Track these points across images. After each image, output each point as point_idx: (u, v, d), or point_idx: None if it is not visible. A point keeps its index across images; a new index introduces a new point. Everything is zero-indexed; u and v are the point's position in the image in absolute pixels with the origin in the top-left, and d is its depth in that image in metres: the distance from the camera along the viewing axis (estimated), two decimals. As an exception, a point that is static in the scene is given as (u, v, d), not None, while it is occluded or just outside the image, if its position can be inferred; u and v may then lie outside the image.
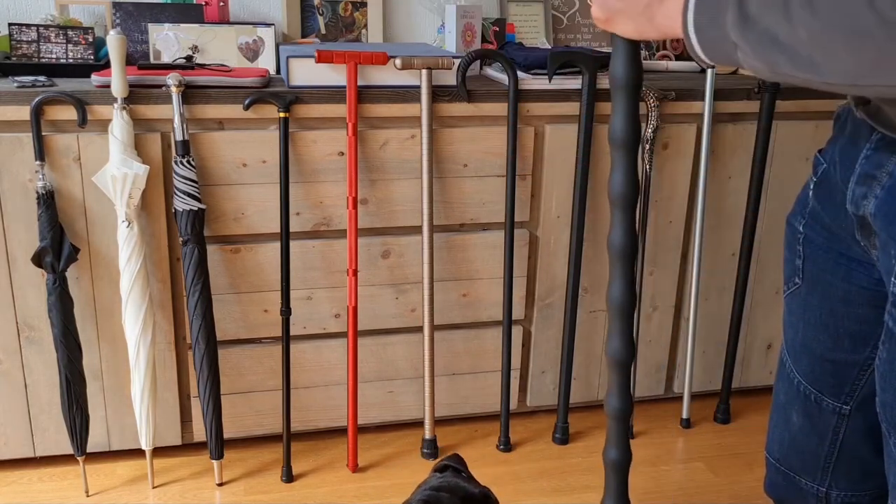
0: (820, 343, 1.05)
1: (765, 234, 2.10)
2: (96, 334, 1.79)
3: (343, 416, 1.98)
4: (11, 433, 1.82)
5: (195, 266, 1.71)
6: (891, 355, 0.84)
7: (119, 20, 1.96)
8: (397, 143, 1.82)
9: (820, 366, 1.06)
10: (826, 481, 1.10)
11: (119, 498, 1.80)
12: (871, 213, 0.87)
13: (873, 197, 0.86)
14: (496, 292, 1.98)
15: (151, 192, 1.71)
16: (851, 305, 0.99)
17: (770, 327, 2.21)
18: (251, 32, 1.93)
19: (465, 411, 2.08)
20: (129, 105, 1.64)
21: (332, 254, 1.86)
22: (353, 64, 1.73)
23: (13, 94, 1.62)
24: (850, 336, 1.01)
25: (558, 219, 1.96)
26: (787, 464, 1.15)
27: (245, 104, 1.70)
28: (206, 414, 1.79)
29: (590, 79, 1.84)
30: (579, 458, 2.01)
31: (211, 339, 1.76)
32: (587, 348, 2.09)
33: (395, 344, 1.97)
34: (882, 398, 0.87)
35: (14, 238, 1.69)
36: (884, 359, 0.86)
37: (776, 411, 1.16)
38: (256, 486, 1.86)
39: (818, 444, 1.09)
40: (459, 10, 2.08)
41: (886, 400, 0.86)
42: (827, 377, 1.06)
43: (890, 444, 0.88)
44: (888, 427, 0.87)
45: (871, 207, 0.87)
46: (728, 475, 1.96)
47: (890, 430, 0.87)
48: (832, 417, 1.07)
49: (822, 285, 1.03)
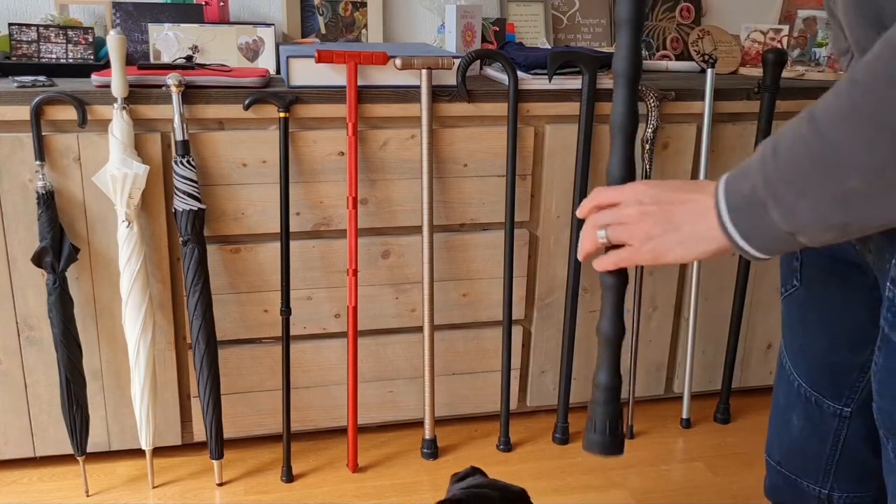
0: (818, 346, 1.05)
1: (765, 234, 2.10)
2: (96, 334, 1.79)
3: (343, 416, 1.98)
4: (11, 433, 1.82)
5: (195, 266, 1.71)
6: (887, 361, 0.84)
7: (119, 20, 1.96)
8: (397, 143, 1.82)
9: (819, 368, 1.06)
10: (828, 483, 1.10)
11: (119, 498, 1.80)
12: None
13: None
14: (496, 292, 1.98)
15: (151, 192, 1.71)
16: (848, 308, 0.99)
17: (770, 327, 2.21)
18: (251, 32, 1.93)
19: (465, 411, 2.08)
20: (129, 105, 1.64)
21: (332, 254, 1.86)
22: (353, 64, 1.73)
23: (13, 94, 1.62)
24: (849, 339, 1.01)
25: (558, 219, 1.96)
26: (787, 466, 1.14)
27: (245, 104, 1.70)
28: (206, 414, 1.79)
29: (590, 79, 1.84)
30: (579, 458, 2.01)
31: (211, 339, 1.76)
32: (587, 348, 2.09)
33: (394, 344, 1.97)
34: (879, 404, 0.87)
35: (14, 238, 1.69)
36: (880, 365, 0.85)
37: (776, 413, 1.15)
38: (256, 486, 1.86)
39: (819, 446, 1.09)
40: (459, 10, 2.08)
41: (884, 406, 0.86)
42: (827, 379, 1.05)
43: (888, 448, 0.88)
44: (886, 433, 0.87)
45: None
46: (728, 475, 1.96)
47: (888, 435, 0.87)
48: (833, 420, 1.06)
49: (819, 288, 1.03)
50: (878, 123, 0.63)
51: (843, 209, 0.68)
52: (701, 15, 2.46)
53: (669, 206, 0.81)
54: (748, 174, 0.75)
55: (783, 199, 0.71)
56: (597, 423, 0.90)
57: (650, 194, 0.82)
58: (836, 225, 0.70)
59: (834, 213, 0.69)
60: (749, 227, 0.76)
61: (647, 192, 0.83)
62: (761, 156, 0.74)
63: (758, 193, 0.73)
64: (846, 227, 0.70)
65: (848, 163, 0.66)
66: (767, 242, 0.76)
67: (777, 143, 0.72)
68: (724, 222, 0.77)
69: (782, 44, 2.36)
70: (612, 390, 0.90)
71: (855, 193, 0.67)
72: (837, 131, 0.66)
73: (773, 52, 1.95)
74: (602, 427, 0.90)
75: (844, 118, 0.65)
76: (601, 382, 0.90)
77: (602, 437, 0.90)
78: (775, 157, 0.72)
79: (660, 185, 0.83)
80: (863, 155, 0.64)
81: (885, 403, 0.86)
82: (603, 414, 0.90)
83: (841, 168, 0.66)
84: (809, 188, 0.69)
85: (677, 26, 2.43)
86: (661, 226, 0.81)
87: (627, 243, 0.84)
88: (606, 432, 0.89)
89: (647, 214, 0.82)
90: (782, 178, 0.71)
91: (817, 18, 2.40)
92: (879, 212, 0.67)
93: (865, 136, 0.64)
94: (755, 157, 0.75)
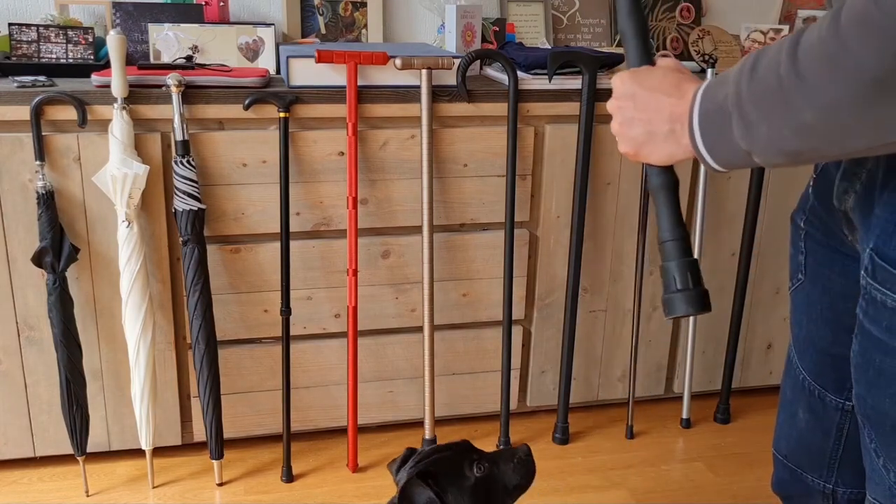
0: (822, 338, 1.06)
1: (765, 234, 2.10)
2: (96, 334, 1.79)
3: (343, 416, 1.98)
4: (11, 433, 1.82)
5: (195, 266, 1.71)
6: (862, 348, 0.86)
7: (119, 20, 1.96)
8: (397, 143, 1.82)
9: (823, 361, 1.07)
10: (832, 478, 1.11)
11: (119, 498, 1.81)
12: (850, 209, 0.89)
13: (853, 192, 0.88)
14: (496, 292, 1.98)
15: (151, 192, 1.71)
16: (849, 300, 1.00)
17: (770, 327, 2.21)
18: (251, 32, 1.93)
19: (464, 411, 2.08)
20: (129, 105, 1.64)
21: (332, 254, 1.86)
22: (353, 64, 1.73)
23: (13, 94, 1.62)
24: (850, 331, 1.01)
25: (558, 219, 1.96)
26: (793, 460, 1.15)
27: (245, 104, 1.70)
28: (206, 414, 1.79)
29: (590, 79, 1.84)
30: (579, 458, 2.01)
31: (211, 339, 1.76)
32: (587, 348, 2.09)
33: (394, 344, 1.97)
34: (856, 390, 0.88)
35: (14, 238, 1.69)
36: (856, 351, 0.87)
37: (783, 408, 1.17)
38: (256, 486, 1.86)
39: (823, 440, 1.10)
40: (459, 10, 2.08)
41: (860, 392, 0.88)
42: (829, 372, 1.06)
43: (864, 434, 0.89)
44: (862, 418, 0.89)
45: (851, 202, 0.88)
46: (728, 475, 1.96)
47: (864, 421, 0.89)
48: (836, 414, 1.07)
49: (822, 280, 1.04)
50: (840, 65, 0.65)
51: (797, 139, 0.71)
52: (701, 15, 2.46)
53: (655, 113, 0.86)
54: (725, 83, 0.78)
55: (747, 116, 0.74)
56: (677, 279, 0.86)
57: (644, 98, 0.87)
58: (788, 152, 0.73)
59: (788, 141, 0.72)
60: (712, 137, 0.80)
61: (644, 95, 0.88)
62: (741, 67, 0.76)
63: (727, 105, 0.76)
64: (798, 154, 0.73)
65: (810, 97, 0.68)
66: (725, 155, 0.80)
67: (758, 60, 0.74)
68: (693, 127, 0.81)
69: (782, 44, 2.36)
70: (682, 240, 0.89)
71: (809, 127, 0.70)
72: (809, 62, 0.68)
73: (773, 52, 1.94)
74: (684, 280, 0.86)
75: (820, 54, 0.67)
76: (666, 237, 0.89)
77: (686, 293, 0.85)
78: (752, 74, 0.74)
79: (658, 85, 0.87)
80: (822, 93, 0.67)
81: (861, 389, 0.87)
82: (678, 267, 0.87)
83: (801, 99, 0.69)
84: (771, 113, 0.72)
85: (677, 26, 2.43)
86: (643, 126, 0.87)
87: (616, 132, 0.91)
88: (690, 284, 0.86)
89: (637, 119, 0.88)
90: (750, 97, 0.74)
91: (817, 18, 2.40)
92: (828, 147, 0.71)
93: (828, 76, 0.66)
94: (736, 67, 0.77)
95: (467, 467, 1.29)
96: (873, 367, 0.84)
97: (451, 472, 1.28)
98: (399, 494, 1.24)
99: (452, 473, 1.28)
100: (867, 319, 0.84)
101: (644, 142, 0.88)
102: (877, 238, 0.81)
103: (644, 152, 0.89)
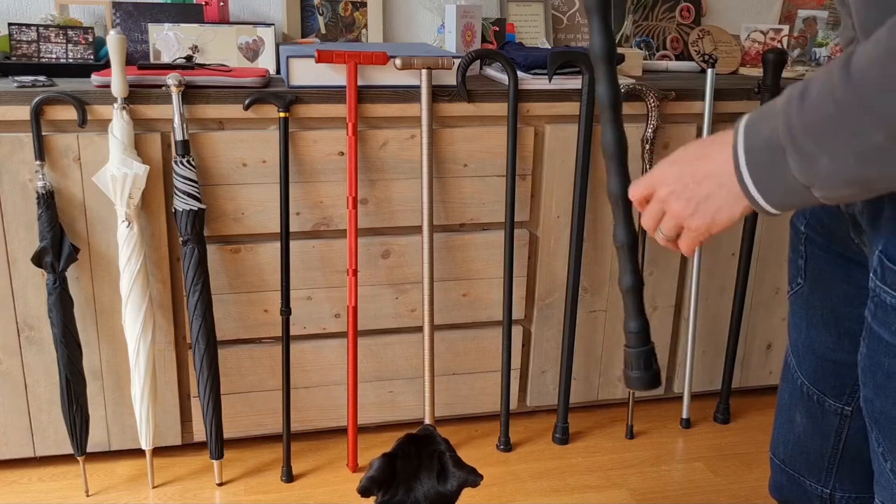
0: (822, 343, 1.05)
1: (764, 234, 2.10)
2: (96, 334, 1.79)
3: (343, 416, 1.98)
4: (11, 433, 1.82)
5: (195, 266, 1.71)
6: (871, 351, 0.85)
7: (119, 20, 1.96)
8: (397, 143, 1.82)
9: (822, 366, 1.06)
10: (830, 483, 1.10)
11: (119, 498, 1.81)
12: (859, 212, 0.88)
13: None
14: (496, 292, 1.98)
15: (151, 192, 1.71)
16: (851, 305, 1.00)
17: (770, 327, 2.21)
18: (251, 32, 1.93)
19: (465, 411, 2.08)
20: (129, 105, 1.64)
21: (332, 254, 1.86)
22: (353, 64, 1.73)
23: (13, 94, 1.62)
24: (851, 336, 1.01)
25: (558, 219, 1.96)
26: (791, 465, 1.15)
27: (245, 104, 1.70)
28: (206, 414, 1.79)
29: (590, 79, 1.84)
30: (579, 458, 2.01)
31: (211, 339, 1.76)
32: (587, 348, 2.09)
33: (394, 344, 1.97)
34: (864, 394, 0.88)
35: (14, 238, 1.69)
36: (864, 354, 0.86)
37: (780, 412, 1.16)
38: (256, 486, 1.86)
39: (821, 445, 1.09)
40: (459, 10, 2.08)
41: (867, 395, 0.87)
42: (829, 378, 1.06)
43: (872, 437, 0.89)
44: (870, 422, 0.88)
45: (860, 205, 0.87)
46: (728, 475, 1.96)
47: (872, 424, 0.88)
48: (834, 419, 1.07)
49: (823, 285, 1.03)
50: None
51: (865, 164, 0.65)
52: (701, 15, 2.46)
53: (693, 181, 0.80)
54: (770, 116, 0.72)
55: (803, 147, 0.68)
56: (633, 363, 0.92)
57: (672, 174, 0.82)
58: (855, 180, 0.67)
59: (855, 167, 0.66)
60: (763, 175, 0.73)
61: (668, 172, 0.83)
62: (787, 98, 0.71)
63: (776, 139, 0.71)
64: (866, 183, 0.67)
65: (876, 114, 0.63)
66: (780, 194, 0.73)
67: (807, 86, 0.69)
68: (740, 168, 0.75)
69: (782, 44, 2.36)
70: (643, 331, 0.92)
71: (879, 148, 0.64)
72: (869, 79, 0.63)
73: (774, 52, 1.95)
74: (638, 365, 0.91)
75: (881, 65, 0.62)
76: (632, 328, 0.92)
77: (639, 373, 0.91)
78: (802, 101, 0.69)
79: (679, 158, 0.82)
80: (893, 107, 0.62)
81: (869, 392, 0.87)
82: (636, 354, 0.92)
83: (868, 119, 0.63)
84: (832, 139, 0.66)
85: (677, 26, 2.43)
86: (692, 203, 0.81)
87: (680, 227, 0.84)
88: (643, 368, 0.91)
89: (676, 196, 0.81)
90: (805, 125, 0.68)
91: (817, 18, 2.40)
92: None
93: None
94: (780, 99, 0.72)
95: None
96: (882, 370, 0.83)
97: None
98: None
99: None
100: (875, 322, 0.83)
101: (691, 213, 0.81)
102: (886, 240, 0.81)
103: (694, 224, 0.82)
